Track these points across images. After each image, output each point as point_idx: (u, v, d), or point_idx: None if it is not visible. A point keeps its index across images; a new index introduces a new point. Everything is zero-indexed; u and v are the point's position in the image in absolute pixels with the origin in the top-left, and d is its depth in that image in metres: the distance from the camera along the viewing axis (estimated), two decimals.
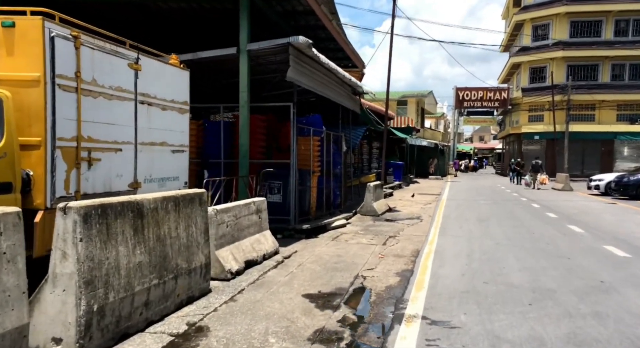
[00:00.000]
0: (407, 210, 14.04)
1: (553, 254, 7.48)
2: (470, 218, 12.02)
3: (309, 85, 9.26)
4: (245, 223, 6.19)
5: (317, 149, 10.14)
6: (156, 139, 6.30)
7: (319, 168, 10.24)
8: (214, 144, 8.84)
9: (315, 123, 10.01)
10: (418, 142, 33.27)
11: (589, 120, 35.66)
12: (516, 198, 18.76)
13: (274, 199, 8.85)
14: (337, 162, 11.50)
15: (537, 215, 12.88)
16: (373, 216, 12.28)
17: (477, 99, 39.92)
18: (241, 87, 8.21)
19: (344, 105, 12.58)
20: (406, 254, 7.41)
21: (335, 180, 11.66)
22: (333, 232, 9.50)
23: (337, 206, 11.52)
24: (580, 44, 34.91)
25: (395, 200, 16.91)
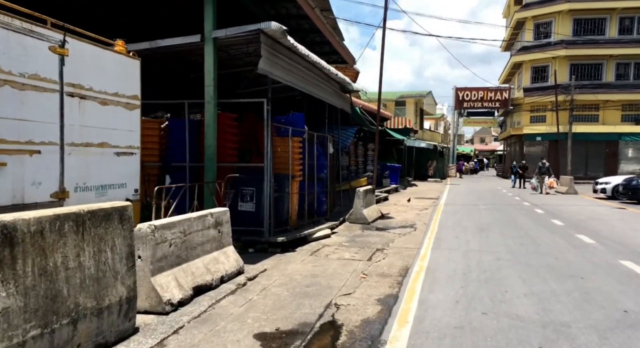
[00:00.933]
0: (401, 216, 13.02)
1: (563, 273, 6.46)
2: (468, 227, 11.00)
3: (286, 80, 8.26)
4: (198, 240, 5.19)
5: (298, 151, 9.13)
6: (93, 139, 5.30)
7: (300, 172, 9.24)
8: (179, 146, 7.83)
9: (296, 122, 9.01)
10: (417, 144, 32.26)
11: (593, 121, 34.64)
12: (518, 202, 17.72)
13: (246, 208, 7.84)
14: (322, 165, 10.50)
15: (541, 223, 11.86)
16: (363, 224, 11.27)
17: (478, 100, 38.89)
18: (207, 80, 7.21)
19: (331, 103, 11.57)
20: (393, 273, 6.39)
21: (321, 185, 10.65)
22: (315, 244, 8.48)
23: (323, 214, 10.52)
24: (583, 42, 33.90)
25: (390, 206, 15.89)
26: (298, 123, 9.06)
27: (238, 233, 7.73)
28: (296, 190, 9.13)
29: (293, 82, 8.67)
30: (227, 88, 10.21)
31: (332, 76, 10.74)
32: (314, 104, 11.92)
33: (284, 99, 12.75)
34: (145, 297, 4.20)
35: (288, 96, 12.41)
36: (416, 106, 39.20)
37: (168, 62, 8.42)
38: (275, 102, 12.35)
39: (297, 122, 9.04)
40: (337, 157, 12.74)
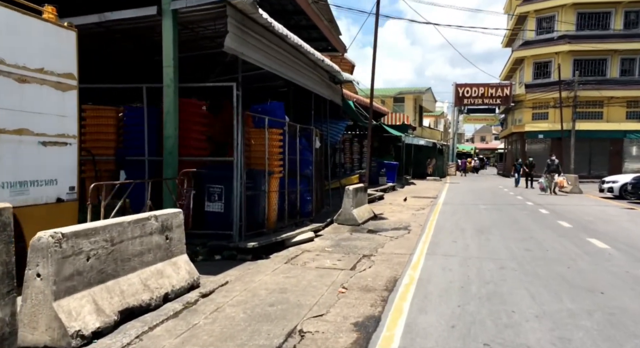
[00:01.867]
0: (395, 217, 12.05)
1: (579, 286, 5.49)
2: (467, 229, 10.02)
3: (262, 63, 7.28)
4: (134, 250, 4.21)
5: (278, 144, 8.15)
6: (6, 124, 4.31)
7: (280, 168, 8.26)
8: (137, 137, 6.84)
9: (275, 111, 8.03)
10: (415, 141, 31.27)
11: (597, 118, 33.64)
12: (521, 202, 16.74)
13: (214, 208, 6.86)
14: (307, 161, 9.52)
15: (547, 224, 10.88)
16: (352, 225, 10.29)
17: (478, 96, 37.86)
18: (165, 60, 6.23)
19: (318, 93, 10.59)
20: (378, 286, 5.42)
21: (305, 183, 9.67)
22: (293, 249, 7.50)
23: (308, 214, 9.54)
24: (587, 36, 32.85)
25: (384, 205, 14.91)
26: (277, 113, 8.08)
27: (204, 237, 6.79)
28: (275, 188, 8.15)
29: (270, 66, 7.69)
30: (199, 75, 9.23)
31: (318, 63, 9.76)
32: (302, 96, 10.94)
33: (266, 90, 11.78)
34: (46, 328, 3.23)
35: (271, 86, 11.44)
36: (415, 103, 38.21)
37: (127, 42, 7.43)
38: (256, 92, 11.40)
39: (276, 112, 8.06)
40: (326, 152, 11.76)
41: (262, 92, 11.61)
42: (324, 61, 9.52)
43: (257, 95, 10.98)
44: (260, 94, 11.44)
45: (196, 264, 6.13)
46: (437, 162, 34.29)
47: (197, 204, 6.83)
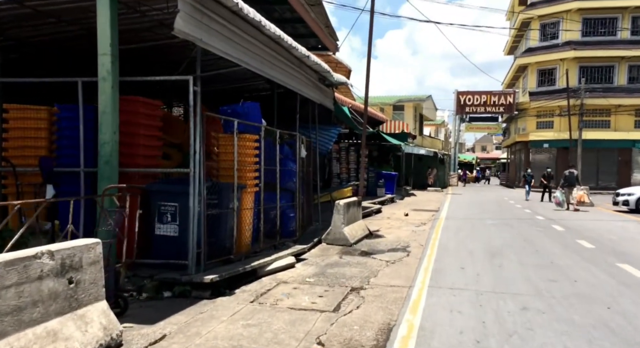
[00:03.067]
0: (393, 235, 10.70)
1: (632, 339, 4.15)
2: (475, 251, 8.68)
3: (230, 55, 6.01)
4: (7, 305, 2.89)
5: (252, 153, 6.86)
6: None
7: (255, 181, 6.96)
8: (71, 144, 5.54)
9: (248, 114, 6.76)
10: (415, 151, 30.00)
11: (604, 127, 32.41)
12: (530, 216, 15.40)
13: (166, 231, 5.53)
14: (290, 172, 8.23)
15: (566, 245, 9.54)
16: (343, 246, 8.96)
17: (480, 104, 36.66)
18: (101, 46, 4.95)
19: (305, 95, 9.32)
20: (366, 340, 4.08)
21: (288, 198, 8.37)
22: (268, 280, 6.16)
23: (290, 234, 8.21)
24: (593, 43, 31.78)
25: (382, 220, 13.58)
26: (251, 115, 6.81)
27: (155, 268, 5.47)
28: (248, 204, 6.84)
29: (242, 60, 6.42)
30: (161, 73, 7.96)
31: (304, 60, 8.50)
32: (289, 99, 9.68)
33: (247, 92, 10.53)
34: None
35: (252, 88, 10.19)
36: (415, 111, 37.01)
37: (66, 28, 6.17)
38: (234, 93, 10.12)
39: (250, 114, 6.79)
40: (314, 161, 10.46)
41: (242, 95, 10.37)
42: (309, 57, 8.26)
43: (236, 98, 9.73)
44: (239, 96, 10.19)
45: (137, 304, 4.84)
46: (438, 172, 32.98)
47: (145, 227, 5.52)
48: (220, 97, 10.12)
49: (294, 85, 8.70)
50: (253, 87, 10.36)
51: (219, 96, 10.09)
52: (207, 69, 8.04)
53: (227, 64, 7.40)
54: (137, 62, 7.16)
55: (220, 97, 10.00)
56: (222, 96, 10.07)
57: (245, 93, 11.36)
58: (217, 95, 9.98)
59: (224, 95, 10.20)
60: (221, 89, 9.37)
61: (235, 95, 10.82)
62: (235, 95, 10.87)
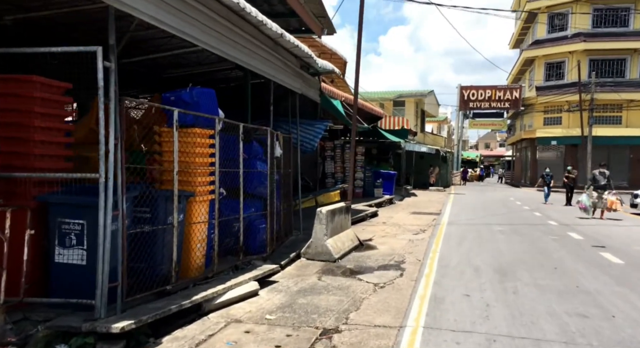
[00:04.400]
0: (386, 245, 9.31)
1: None
2: (482, 269, 7.27)
3: (159, 20, 4.59)
4: None
5: (204, 152, 5.47)
6: None
7: (207, 186, 5.57)
8: None
9: (199, 103, 5.36)
10: (417, 148, 28.55)
11: (615, 123, 30.88)
12: (541, 221, 13.97)
13: (70, 258, 4.11)
14: (258, 175, 6.83)
15: (589, 259, 8.13)
16: (326, 261, 7.57)
17: (485, 99, 35.13)
18: None
19: (282, 83, 7.93)
20: None
21: (257, 206, 6.97)
22: (216, 317, 4.78)
23: (259, 249, 6.81)
24: (604, 34, 30.22)
25: (376, 226, 12.18)
26: (202, 104, 5.41)
27: (53, 308, 4.09)
28: (200, 217, 5.45)
29: (185, 32, 5.03)
30: None
31: (278, 40, 7.09)
32: (266, 89, 8.27)
33: (221, 81, 9.13)
34: None
35: (222, 77, 8.79)
36: (417, 107, 35.48)
37: None
38: (199, 81, 8.72)
39: (201, 103, 5.39)
40: (295, 161, 9.05)
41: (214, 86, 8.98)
42: (284, 36, 6.84)
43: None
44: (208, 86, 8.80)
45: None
46: (440, 171, 31.52)
47: (41, 252, 4.13)
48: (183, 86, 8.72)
49: (266, 71, 7.30)
50: (224, 76, 8.97)
51: (181, 85, 8.70)
52: (157, 49, 6.67)
53: (183, 43, 6.03)
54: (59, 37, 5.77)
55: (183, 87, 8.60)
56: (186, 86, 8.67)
57: (220, 83, 9.98)
58: (179, 84, 8.59)
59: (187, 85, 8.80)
60: (183, 76, 7.97)
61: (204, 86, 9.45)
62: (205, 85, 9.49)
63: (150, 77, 8.19)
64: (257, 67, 7.03)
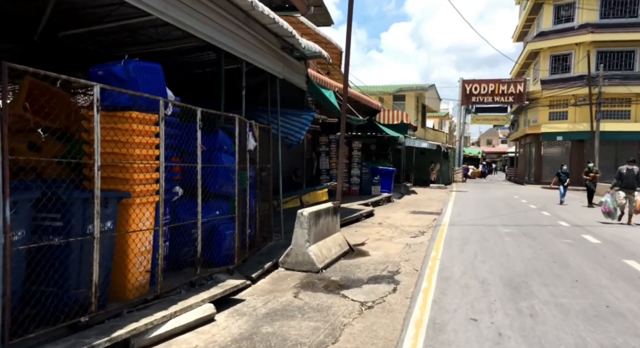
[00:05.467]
0: (380, 251, 8.22)
1: None
2: (490, 282, 6.18)
3: None
4: None
5: (146, 142, 4.37)
6: None
7: (151, 186, 4.48)
8: None
9: (137, 80, 4.27)
10: (417, 144, 27.42)
11: (623, 118, 29.67)
12: (551, 221, 12.86)
13: None
14: (225, 171, 5.73)
15: (612, 268, 7.03)
16: (307, 272, 6.50)
17: (488, 93, 33.91)
18: None
19: (258, 64, 6.83)
20: None
21: (224, 208, 5.88)
22: None
23: (226, 260, 5.72)
24: (612, 25, 28.96)
25: (371, 227, 11.08)
26: (141, 82, 4.32)
27: None
28: (143, 223, 4.35)
29: None
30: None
31: (250, 12, 5.98)
32: (251, 77, 7.17)
33: (194, 67, 8.04)
34: None
35: (194, 60, 7.70)
36: (417, 101, 34.31)
37: None
38: (173, 67, 7.64)
39: (139, 80, 4.29)
40: (275, 155, 7.95)
41: (189, 70, 7.91)
42: (255, 7, 5.72)
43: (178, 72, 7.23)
44: (183, 69, 7.72)
45: None
46: (441, 168, 30.40)
47: None
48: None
49: (236, 49, 6.19)
50: (198, 60, 7.87)
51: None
52: (101, 20, 5.56)
53: (136, 12, 4.95)
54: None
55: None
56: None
57: (195, 68, 8.89)
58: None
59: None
60: (147, 53, 6.87)
61: (175, 70, 8.36)
62: (176, 70, 8.40)
63: (104, 58, 7.09)
64: (226, 43, 5.93)
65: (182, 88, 9.12)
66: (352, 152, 18.87)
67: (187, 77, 9.23)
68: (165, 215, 4.86)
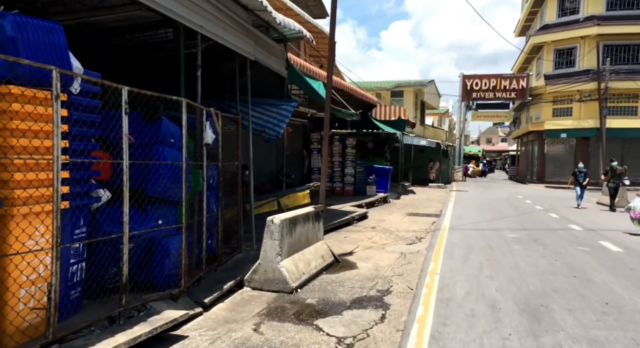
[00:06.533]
0: (371, 262, 7.05)
1: None
2: (501, 305, 5.01)
3: None
4: None
5: (42, 129, 3.18)
6: None
7: (39, 190, 3.28)
8: None
9: (17, 42, 3.06)
10: (416, 141, 26.22)
11: (630, 114, 28.50)
12: (561, 224, 11.69)
13: None
14: (169, 170, 4.55)
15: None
16: (279, 292, 5.33)
17: (489, 89, 32.69)
18: None
19: (219, 40, 5.63)
20: None
21: (169, 216, 4.69)
22: None
23: (171, 281, 4.53)
24: (619, 17, 27.77)
25: (364, 232, 9.90)
26: (26, 45, 3.12)
27: None
28: (33, 241, 3.17)
29: None
30: None
31: None
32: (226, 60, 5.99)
33: (158, 51, 6.85)
34: None
35: (154, 43, 6.52)
36: (416, 97, 33.08)
37: None
38: (128, 50, 6.45)
39: (20, 43, 3.09)
40: (244, 150, 6.75)
41: (140, 51, 6.71)
42: None
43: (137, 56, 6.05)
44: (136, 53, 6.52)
45: None
46: (441, 166, 29.21)
47: None
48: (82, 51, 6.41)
49: (186, 17, 5.00)
50: (157, 39, 6.67)
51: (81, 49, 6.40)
52: None
53: None
54: None
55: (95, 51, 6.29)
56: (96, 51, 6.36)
57: (157, 51, 7.71)
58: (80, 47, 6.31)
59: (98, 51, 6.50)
60: (81, 24, 5.68)
61: (135, 53, 7.19)
62: (135, 53, 7.22)
63: None
64: (173, 9, 4.74)
65: (147, 74, 7.93)
66: (345, 150, 17.69)
67: (152, 64, 8.06)
68: (78, 227, 3.68)
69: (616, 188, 15.57)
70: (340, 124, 19.29)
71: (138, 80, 7.73)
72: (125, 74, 7.83)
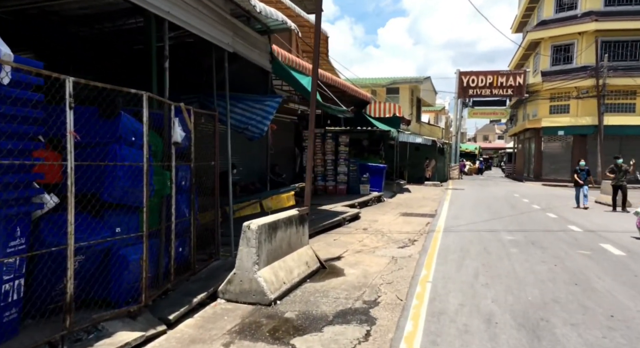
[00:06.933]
0: (359, 268, 6.60)
1: None
2: (498, 319, 4.57)
3: None
4: None
5: None
6: None
7: None
8: None
9: None
10: (411, 139, 25.76)
11: (628, 111, 28.11)
12: (560, 225, 11.27)
13: None
14: (128, 172, 4.07)
15: None
16: (255, 305, 4.87)
17: (486, 86, 32.26)
18: None
19: (189, 28, 5.15)
20: None
21: (129, 224, 4.22)
22: None
23: (131, 296, 4.07)
24: (618, 13, 27.36)
25: (355, 234, 9.45)
26: None
27: None
28: None
29: None
30: None
31: None
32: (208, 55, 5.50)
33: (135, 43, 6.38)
34: None
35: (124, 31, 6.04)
36: (412, 94, 32.61)
37: None
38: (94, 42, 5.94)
39: None
40: (221, 150, 6.28)
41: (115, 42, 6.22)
42: None
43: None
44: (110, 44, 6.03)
45: None
46: (437, 164, 28.80)
47: None
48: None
49: (151, 2, 4.51)
50: (125, 28, 6.18)
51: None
52: None
53: None
54: None
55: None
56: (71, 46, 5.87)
57: (136, 43, 7.23)
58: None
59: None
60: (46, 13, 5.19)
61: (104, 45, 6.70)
62: (109, 45, 6.73)
63: None
64: None
65: (121, 67, 7.43)
66: (338, 148, 17.21)
67: (126, 56, 7.56)
68: (13, 238, 3.21)
69: (621, 187, 14.82)
70: (334, 121, 18.84)
71: (111, 73, 7.24)
72: (98, 67, 7.34)
